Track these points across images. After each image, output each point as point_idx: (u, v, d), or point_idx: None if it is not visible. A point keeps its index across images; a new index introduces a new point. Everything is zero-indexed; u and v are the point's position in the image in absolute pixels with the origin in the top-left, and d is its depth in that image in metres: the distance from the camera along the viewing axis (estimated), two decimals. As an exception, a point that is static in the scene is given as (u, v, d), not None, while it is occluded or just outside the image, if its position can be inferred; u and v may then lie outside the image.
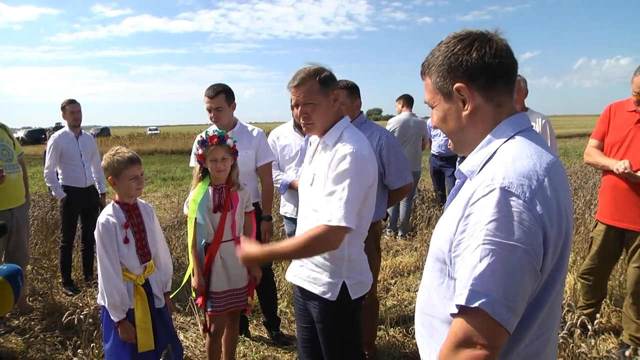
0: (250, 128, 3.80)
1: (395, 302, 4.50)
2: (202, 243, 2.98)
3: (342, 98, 3.11)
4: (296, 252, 2.07)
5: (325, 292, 2.15)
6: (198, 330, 3.95)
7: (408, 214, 6.91)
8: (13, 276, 1.25)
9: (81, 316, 3.13)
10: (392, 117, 6.78)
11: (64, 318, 3.14)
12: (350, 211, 1.98)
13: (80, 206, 5.12)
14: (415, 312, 1.38)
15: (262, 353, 3.67)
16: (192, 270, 2.98)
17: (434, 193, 7.86)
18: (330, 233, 1.97)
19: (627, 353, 2.95)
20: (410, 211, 6.99)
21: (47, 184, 5.23)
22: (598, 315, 3.37)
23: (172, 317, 3.46)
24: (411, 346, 3.63)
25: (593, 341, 2.95)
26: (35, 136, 32.29)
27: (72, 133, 5.09)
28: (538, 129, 4.05)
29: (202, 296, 2.98)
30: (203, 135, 2.98)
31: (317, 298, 2.18)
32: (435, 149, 7.29)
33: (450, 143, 1.37)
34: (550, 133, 4.08)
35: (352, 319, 2.25)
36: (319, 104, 2.12)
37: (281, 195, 3.86)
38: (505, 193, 1.06)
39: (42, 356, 3.57)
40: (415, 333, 1.40)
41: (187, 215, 3.00)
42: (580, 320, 2.88)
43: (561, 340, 2.78)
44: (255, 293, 3.42)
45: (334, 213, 1.97)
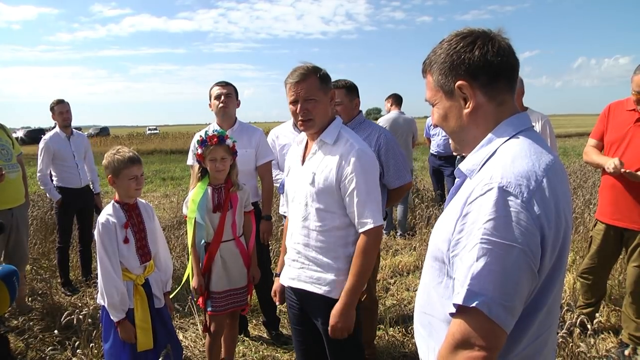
0: (250, 126, 3.81)
1: (394, 302, 4.50)
2: (202, 243, 2.98)
3: (341, 97, 3.11)
4: (367, 269, 2.11)
5: (330, 291, 2.16)
6: (198, 330, 3.95)
7: (405, 213, 6.91)
8: (8, 277, 1.25)
9: (80, 316, 3.13)
10: (381, 117, 6.80)
11: (63, 318, 3.14)
12: (375, 210, 2.12)
13: (75, 207, 5.10)
14: (414, 312, 1.38)
15: (262, 353, 3.67)
16: (192, 270, 2.98)
17: (433, 192, 7.86)
18: (377, 232, 2.11)
19: (627, 352, 2.95)
20: (407, 210, 6.99)
21: (41, 187, 5.20)
22: (597, 314, 3.37)
23: (172, 317, 3.45)
24: (410, 346, 3.63)
25: (592, 340, 2.94)
26: (34, 136, 32.24)
27: (64, 134, 5.04)
28: (538, 129, 4.05)
29: (202, 296, 2.98)
30: (202, 134, 2.98)
31: (322, 298, 2.18)
32: (434, 149, 7.29)
33: (450, 142, 1.36)
34: (550, 133, 4.08)
35: (357, 316, 2.26)
36: (319, 101, 2.13)
37: (280, 195, 3.86)
38: (503, 192, 1.06)
39: (41, 356, 3.56)
40: (414, 332, 1.40)
41: (187, 215, 3.00)
42: (579, 319, 2.88)
43: (560, 339, 2.78)
44: (254, 293, 3.42)
45: (375, 215, 2.09)
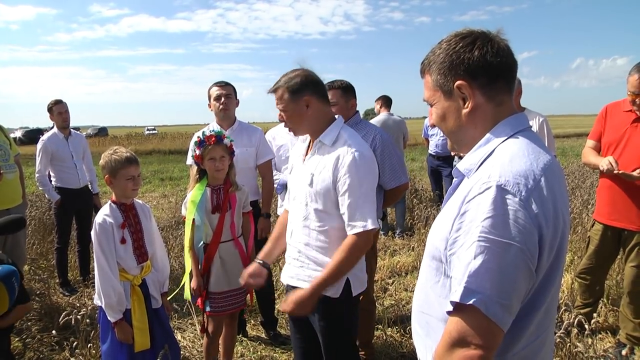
0: (249, 125, 3.82)
1: (392, 302, 4.50)
2: (201, 244, 2.98)
3: (336, 98, 3.11)
4: (343, 268, 2.09)
5: (328, 290, 2.15)
6: (196, 330, 3.94)
7: (403, 213, 6.92)
8: (7, 277, 1.24)
9: (78, 316, 3.12)
10: (371, 119, 6.79)
11: (61, 318, 3.13)
12: (368, 212, 2.09)
13: (74, 207, 5.10)
14: (412, 311, 1.38)
15: (260, 353, 3.67)
16: (187, 269, 2.99)
17: (432, 193, 7.86)
18: (361, 240, 2.08)
19: (624, 352, 2.96)
20: (404, 210, 7.00)
21: (40, 188, 5.19)
22: (595, 314, 3.37)
23: (170, 318, 3.45)
24: (408, 346, 3.63)
25: (590, 340, 2.95)
26: (32, 136, 32.21)
27: (62, 134, 5.03)
28: (535, 129, 4.06)
29: (201, 296, 2.98)
30: (200, 135, 2.98)
31: (320, 297, 2.18)
32: (432, 149, 7.29)
33: (448, 142, 1.36)
34: (547, 132, 4.09)
35: (354, 316, 2.29)
36: (290, 111, 2.19)
37: (279, 195, 3.86)
38: (501, 191, 1.06)
39: (39, 356, 3.56)
40: (412, 332, 1.40)
41: (185, 216, 3.00)
42: (577, 319, 2.88)
43: (558, 339, 2.78)
44: (253, 293, 3.41)
45: (366, 218, 2.06)
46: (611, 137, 3.36)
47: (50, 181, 5.00)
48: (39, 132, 30.33)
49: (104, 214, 2.60)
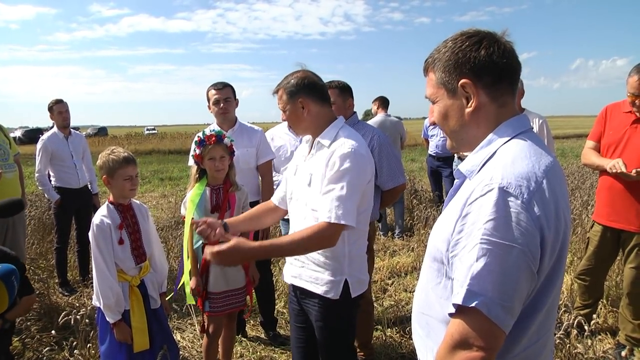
0: (250, 126, 3.82)
1: (392, 303, 4.50)
2: (200, 244, 2.98)
3: (334, 98, 3.11)
4: (294, 248, 2.05)
5: (327, 291, 2.15)
6: (195, 330, 3.94)
7: (402, 213, 6.93)
8: (7, 276, 1.23)
9: (78, 316, 3.12)
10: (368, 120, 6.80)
11: (61, 318, 3.13)
12: (348, 209, 2.01)
13: (74, 207, 5.09)
14: (412, 312, 1.38)
15: (259, 353, 3.66)
16: (186, 269, 2.99)
17: (432, 193, 7.86)
18: (329, 230, 2.00)
19: (623, 353, 2.96)
20: (403, 210, 7.01)
21: (39, 187, 5.19)
22: (595, 315, 3.37)
23: (169, 318, 3.45)
24: (408, 346, 3.63)
25: (590, 342, 2.95)
26: (32, 136, 32.19)
27: (62, 134, 5.03)
28: (535, 130, 4.06)
29: (200, 297, 2.98)
30: (200, 135, 2.98)
31: (319, 297, 2.18)
32: (432, 150, 7.29)
33: (448, 141, 1.35)
34: (547, 133, 4.09)
35: (352, 317, 2.28)
36: (289, 112, 2.22)
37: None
38: (503, 193, 1.06)
39: (39, 356, 3.55)
40: (412, 333, 1.40)
41: (184, 216, 3.00)
42: (577, 320, 2.88)
43: (558, 341, 2.79)
44: (252, 294, 3.41)
45: (333, 210, 1.99)
46: (611, 138, 3.36)
47: (49, 181, 4.99)
48: (39, 132, 30.31)
49: (102, 215, 2.59)
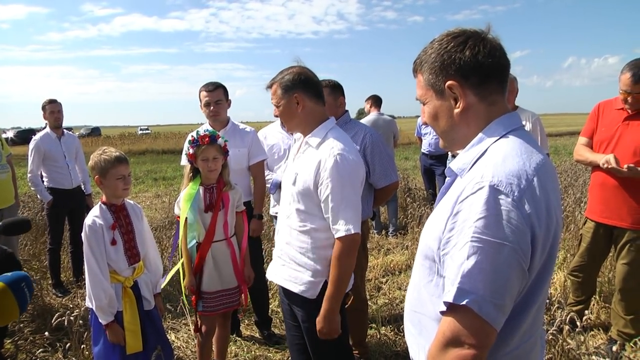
0: (242, 127, 3.80)
1: (386, 301, 4.51)
2: (194, 243, 2.97)
3: (325, 96, 3.11)
4: (343, 277, 2.08)
5: (305, 291, 2.16)
6: (189, 330, 3.93)
7: (395, 212, 6.95)
8: (16, 283, 1.18)
9: (71, 318, 3.10)
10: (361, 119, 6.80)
11: (54, 320, 3.11)
12: (358, 217, 2.09)
13: (67, 208, 5.06)
14: (404, 310, 1.39)
15: (254, 353, 3.66)
16: (181, 268, 2.98)
17: (425, 192, 7.88)
18: (353, 240, 2.07)
19: (614, 348, 2.98)
20: (397, 209, 7.03)
21: (32, 188, 5.15)
22: (587, 311, 3.40)
23: (163, 318, 3.44)
24: (402, 344, 3.64)
25: (582, 337, 2.97)
26: (24, 136, 31.96)
27: (54, 134, 4.99)
28: (529, 127, 4.08)
29: (194, 296, 2.98)
30: (194, 134, 2.98)
31: (298, 297, 2.19)
32: (425, 148, 7.30)
33: (440, 141, 1.36)
34: (540, 130, 4.11)
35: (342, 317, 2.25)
36: (282, 107, 2.21)
37: (272, 195, 3.85)
38: (494, 191, 1.06)
39: (32, 358, 3.53)
40: (404, 331, 1.40)
41: (178, 215, 2.99)
42: (569, 316, 2.90)
43: (551, 337, 2.80)
44: (247, 293, 3.41)
45: (348, 222, 2.05)
46: (603, 135, 3.38)
47: (42, 181, 4.96)
48: (31, 132, 30.09)
49: (94, 215, 2.57)
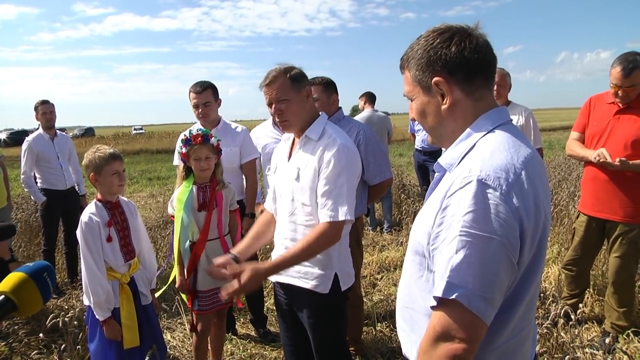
0: (233, 126, 3.79)
1: (381, 297, 4.52)
2: (188, 242, 2.97)
3: (318, 94, 3.11)
4: (305, 255, 2.06)
5: (317, 286, 2.16)
6: (185, 330, 3.93)
7: (390, 208, 6.96)
8: (38, 273, 1.18)
9: (66, 319, 3.10)
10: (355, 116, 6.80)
11: (49, 321, 3.11)
12: (351, 204, 2.08)
13: (61, 209, 5.04)
14: (396, 307, 1.39)
15: (250, 351, 3.67)
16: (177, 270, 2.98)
17: (419, 188, 7.90)
18: (333, 228, 2.06)
19: (607, 340, 3.00)
20: (391, 205, 7.04)
21: (25, 189, 5.13)
22: (581, 305, 3.42)
23: (159, 317, 3.43)
24: (398, 341, 3.60)
25: (576, 331, 2.99)
26: (17, 138, 31.74)
27: (47, 135, 4.97)
28: (522, 122, 4.10)
29: (189, 295, 2.98)
30: (187, 134, 2.97)
31: (309, 293, 2.18)
32: (419, 144, 7.31)
33: (428, 136, 1.37)
34: (533, 125, 4.12)
35: (344, 311, 2.28)
36: (292, 101, 2.14)
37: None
38: (482, 185, 1.06)
39: (27, 360, 3.53)
40: (397, 327, 1.40)
41: (172, 214, 2.99)
42: (563, 310, 2.92)
43: (545, 330, 2.82)
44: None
45: (338, 208, 2.05)
46: (595, 129, 3.39)
47: (36, 183, 4.94)
48: (24, 134, 29.85)
49: (90, 213, 2.58)
